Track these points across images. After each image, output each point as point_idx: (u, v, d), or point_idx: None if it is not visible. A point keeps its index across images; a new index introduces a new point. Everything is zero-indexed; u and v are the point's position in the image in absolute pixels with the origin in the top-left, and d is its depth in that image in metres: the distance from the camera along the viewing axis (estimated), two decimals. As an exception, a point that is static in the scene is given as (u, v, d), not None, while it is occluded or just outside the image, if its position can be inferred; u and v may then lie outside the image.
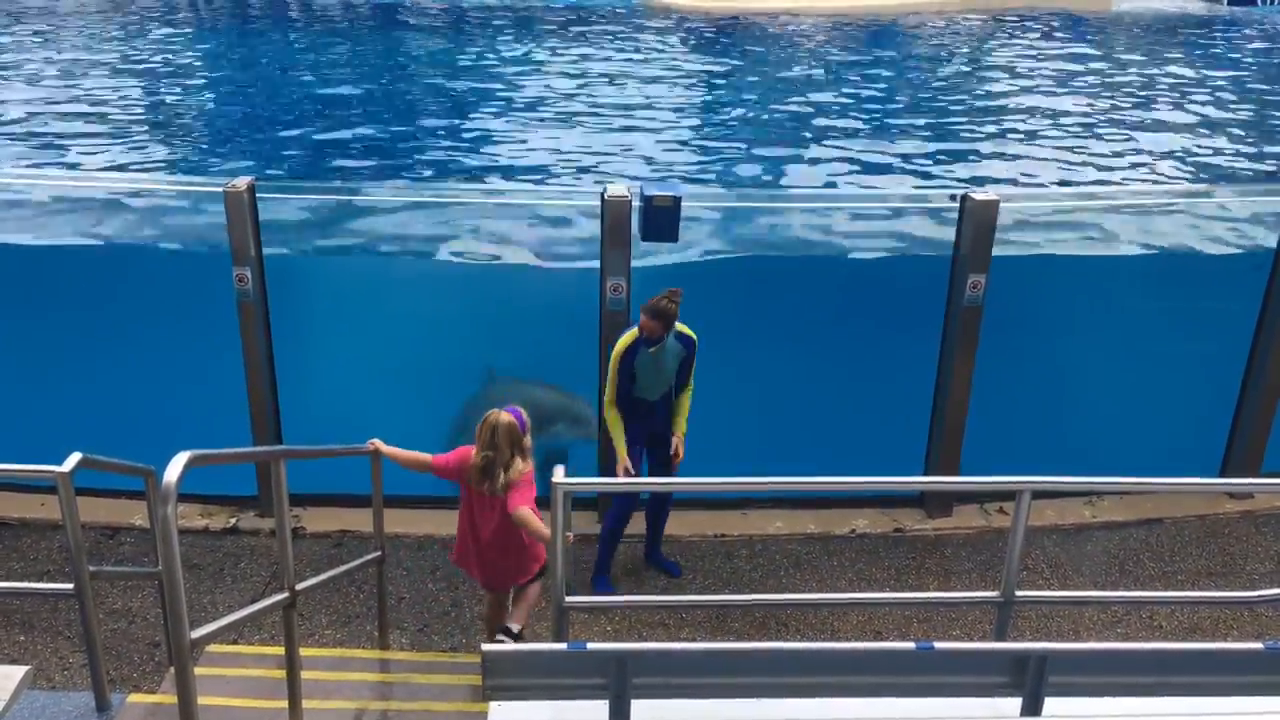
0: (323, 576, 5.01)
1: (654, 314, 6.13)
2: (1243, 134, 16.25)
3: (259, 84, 18.84)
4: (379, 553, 5.63)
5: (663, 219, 6.69)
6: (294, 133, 15.12)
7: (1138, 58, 22.95)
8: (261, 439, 7.14)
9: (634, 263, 6.81)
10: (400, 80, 19.63)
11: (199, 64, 20.71)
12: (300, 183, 10.73)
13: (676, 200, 6.68)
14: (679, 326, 6.27)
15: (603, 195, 6.75)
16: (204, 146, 14.62)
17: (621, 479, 6.53)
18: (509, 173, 13.33)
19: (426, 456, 5.37)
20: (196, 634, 3.57)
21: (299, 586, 4.37)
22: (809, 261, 8.35)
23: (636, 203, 6.73)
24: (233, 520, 7.33)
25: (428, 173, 13.34)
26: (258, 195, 6.71)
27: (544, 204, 8.79)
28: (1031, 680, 3.20)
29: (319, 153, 14.04)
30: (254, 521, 7.31)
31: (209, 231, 7.28)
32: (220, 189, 6.66)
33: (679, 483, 6.65)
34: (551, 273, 8.34)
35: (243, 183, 6.68)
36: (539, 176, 13.05)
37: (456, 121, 16.08)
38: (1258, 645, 3.31)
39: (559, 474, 4.22)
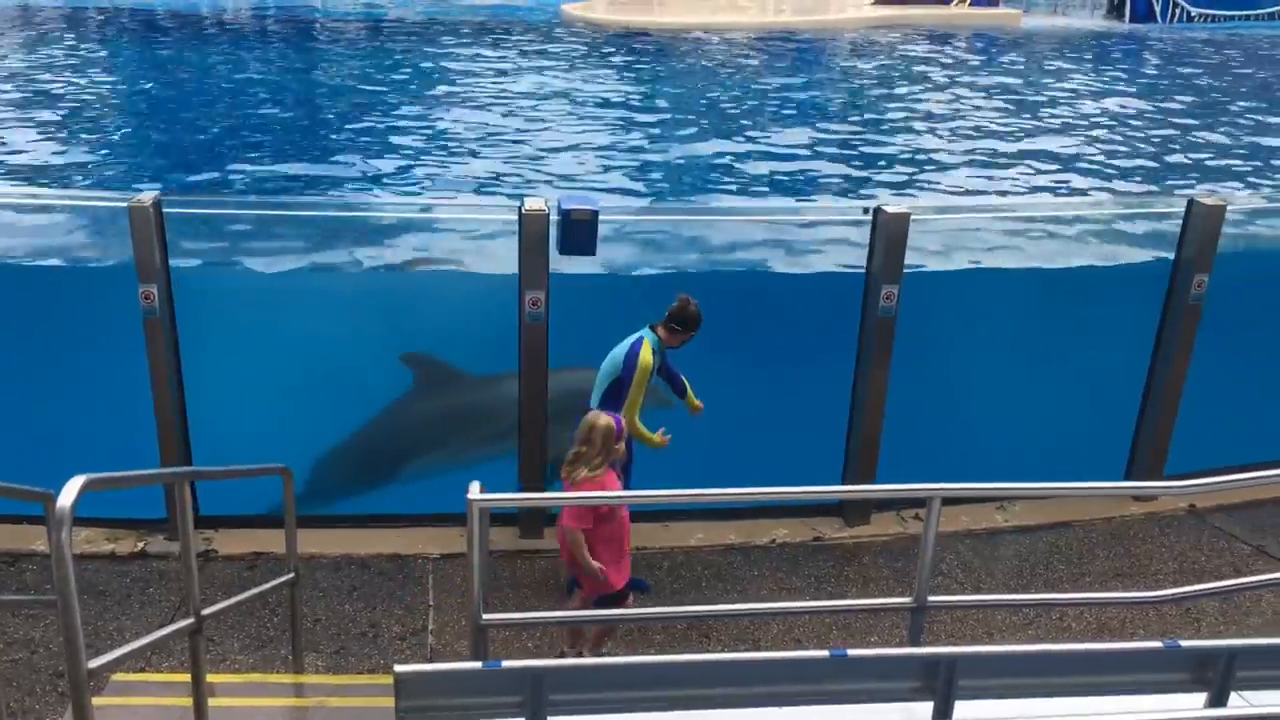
0: (231, 601, 4.87)
1: (693, 322, 6.25)
2: (1145, 147, 16.79)
3: (169, 98, 18.42)
4: (292, 574, 5.51)
5: (580, 233, 6.69)
6: (204, 146, 14.79)
7: (1047, 74, 23.61)
8: (170, 460, 6.95)
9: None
10: (315, 93, 19.36)
11: (108, 78, 20.19)
12: (209, 197, 10.50)
13: (594, 214, 6.68)
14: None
15: (520, 209, 6.73)
16: (112, 161, 14.23)
17: (542, 494, 6.48)
18: (427, 185, 13.21)
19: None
20: (95, 663, 3.44)
21: (206, 611, 4.25)
22: (727, 276, 8.40)
23: (554, 216, 6.72)
24: (141, 544, 7.12)
25: (343, 186, 13.14)
26: (164, 210, 6.56)
27: (461, 218, 8.72)
28: (942, 684, 3.25)
29: (230, 167, 13.75)
30: (163, 545, 7.10)
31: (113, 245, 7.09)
32: (124, 204, 6.49)
33: (600, 497, 6.58)
34: (471, 278, 8.25)
35: (148, 197, 6.52)
36: (457, 189, 12.95)
37: (373, 134, 15.89)
38: (1158, 644, 3.40)
39: (474, 490, 4.17)
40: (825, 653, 3.26)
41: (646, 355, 6.24)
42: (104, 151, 14.60)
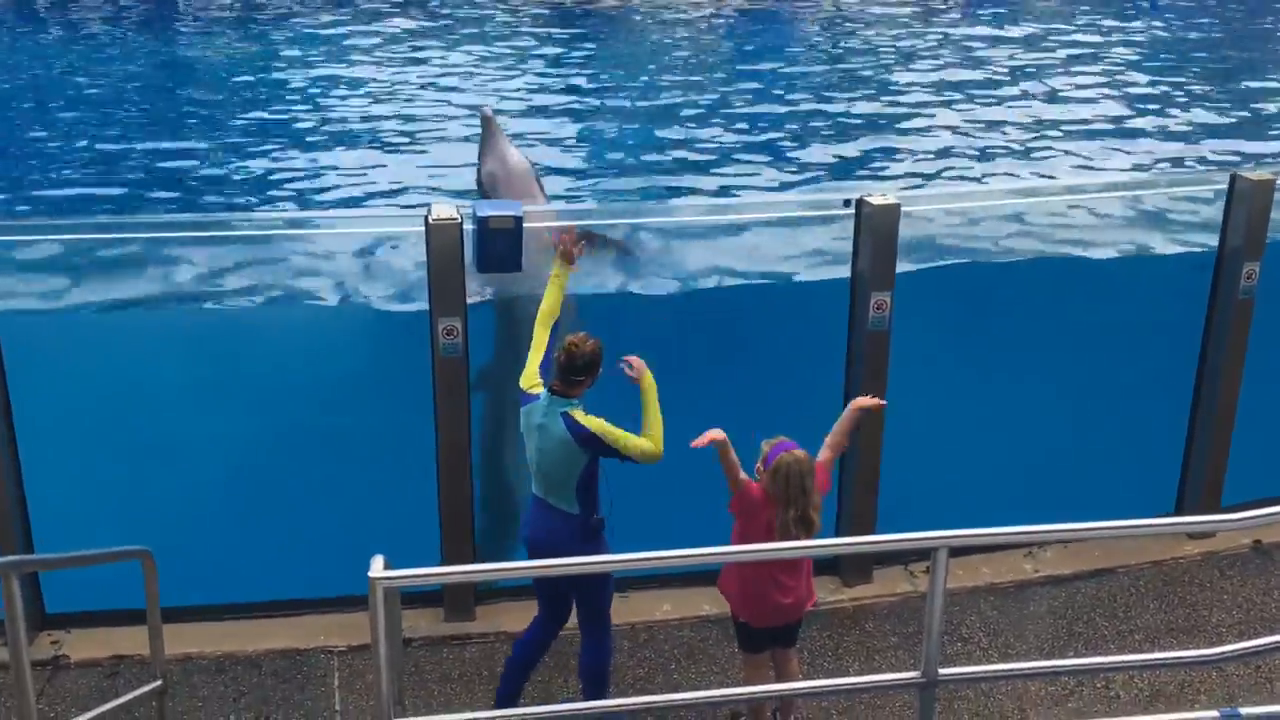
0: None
1: (588, 365, 5.81)
2: (1179, 110, 17.06)
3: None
4: (158, 681, 5.41)
5: (501, 244, 6.67)
6: (34, 157, 14.63)
7: (1062, 33, 23.97)
8: (7, 546, 6.82)
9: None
10: (178, 87, 19.24)
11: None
12: (49, 220, 10.37)
13: (518, 220, 6.67)
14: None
15: (426, 218, 6.70)
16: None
17: (466, 567, 6.40)
18: (320, 194, 13.16)
19: (743, 476, 5.83)
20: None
21: (48, 734, 4.15)
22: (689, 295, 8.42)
23: (469, 225, 6.70)
24: (-28, 653, 6.97)
25: (217, 200, 13.06)
26: (-11, 237, 6.50)
27: (356, 232, 8.69)
28: (956, 778, 3.23)
29: (75, 182, 13.61)
30: (-1, 652, 6.97)
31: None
32: (-64, 232, 6.41)
33: (550, 564, 6.48)
34: (372, 313, 8.24)
35: (-35, 223, 6.44)
36: (357, 196, 12.90)
37: (253, 135, 15.81)
38: (1214, 713, 3.41)
39: (377, 566, 4.13)
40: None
41: (589, 420, 5.85)
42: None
